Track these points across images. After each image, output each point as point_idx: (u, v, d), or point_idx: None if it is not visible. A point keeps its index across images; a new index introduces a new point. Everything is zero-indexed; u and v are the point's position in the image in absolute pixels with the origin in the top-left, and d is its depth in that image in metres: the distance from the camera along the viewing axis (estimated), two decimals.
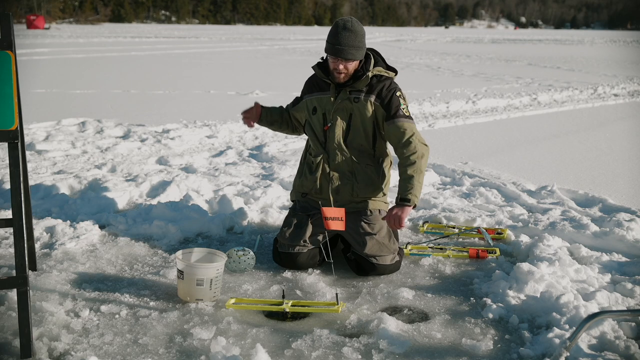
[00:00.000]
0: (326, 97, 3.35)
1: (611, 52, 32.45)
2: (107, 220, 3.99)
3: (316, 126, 3.40)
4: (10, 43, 2.51)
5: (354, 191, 3.34)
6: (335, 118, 3.32)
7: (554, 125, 8.74)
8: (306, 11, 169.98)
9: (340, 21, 3.23)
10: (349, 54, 3.17)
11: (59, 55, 21.55)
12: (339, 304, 2.79)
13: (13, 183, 2.43)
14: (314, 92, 3.42)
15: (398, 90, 3.32)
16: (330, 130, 3.32)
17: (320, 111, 3.37)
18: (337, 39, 3.16)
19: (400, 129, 3.22)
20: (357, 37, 3.18)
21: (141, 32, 51.96)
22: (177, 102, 10.44)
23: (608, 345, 2.44)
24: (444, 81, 14.87)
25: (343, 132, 3.32)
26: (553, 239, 3.60)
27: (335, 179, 3.35)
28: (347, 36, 3.16)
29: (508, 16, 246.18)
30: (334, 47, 3.17)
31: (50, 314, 2.70)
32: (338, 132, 3.32)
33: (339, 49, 3.15)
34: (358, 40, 3.19)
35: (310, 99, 3.42)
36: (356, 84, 3.27)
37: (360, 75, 3.27)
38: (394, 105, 3.26)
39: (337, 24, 3.22)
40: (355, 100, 3.29)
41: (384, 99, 3.27)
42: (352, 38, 3.17)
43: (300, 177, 3.50)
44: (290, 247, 3.28)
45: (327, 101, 3.35)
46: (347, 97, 3.30)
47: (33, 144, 6.42)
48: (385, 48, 32.03)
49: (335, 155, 3.34)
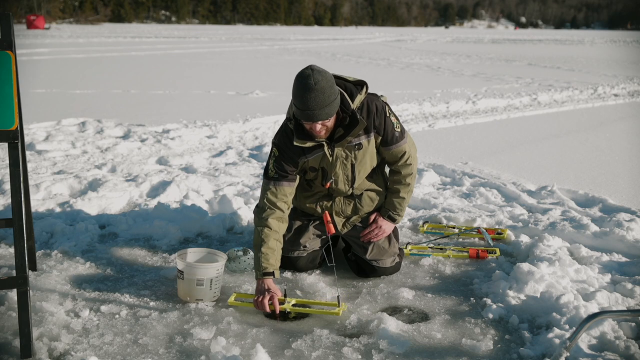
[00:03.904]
0: (320, 154, 3.01)
1: (611, 52, 32.45)
2: (107, 220, 3.99)
3: (315, 180, 3.16)
4: (10, 43, 2.51)
5: (356, 210, 3.26)
6: (338, 174, 3.09)
7: (554, 125, 8.74)
8: (306, 11, 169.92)
9: (301, 80, 2.72)
10: (323, 116, 2.76)
11: (59, 55, 21.56)
12: (340, 305, 2.79)
13: (13, 183, 2.43)
14: (306, 154, 3.01)
15: (384, 108, 3.04)
16: (333, 185, 3.14)
17: (319, 167, 3.08)
18: (304, 104, 2.72)
19: (399, 153, 3.14)
20: (325, 93, 2.72)
21: (141, 32, 51.96)
22: (177, 102, 10.44)
23: (608, 345, 2.44)
24: (444, 81, 14.87)
25: (348, 183, 3.13)
26: (553, 239, 3.60)
27: (338, 202, 3.24)
28: (315, 97, 2.70)
29: (508, 16, 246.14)
30: (304, 113, 2.75)
31: (50, 314, 2.70)
32: (342, 185, 3.13)
33: (311, 114, 2.74)
34: (327, 96, 2.73)
35: (307, 160, 3.04)
36: (352, 133, 2.93)
37: (349, 122, 2.91)
38: (389, 131, 3.06)
39: (299, 84, 2.73)
40: (357, 147, 3.03)
41: (379, 128, 3.04)
42: (321, 97, 2.71)
43: (297, 199, 3.26)
44: (290, 251, 3.25)
45: (323, 158, 3.03)
46: (347, 146, 3.01)
47: (33, 144, 6.42)
48: (385, 48, 32.05)
49: (339, 194, 3.22)
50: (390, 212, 3.24)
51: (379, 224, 3.22)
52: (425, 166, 5.71)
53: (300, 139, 2.91)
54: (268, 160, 3.08)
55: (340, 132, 2.95)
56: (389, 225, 3.25)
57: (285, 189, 3.02)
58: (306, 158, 3.03)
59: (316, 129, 2.84)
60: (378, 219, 3.24)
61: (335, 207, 3.24)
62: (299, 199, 3.29)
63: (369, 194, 3.25)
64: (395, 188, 3.23)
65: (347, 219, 3.26)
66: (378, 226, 3.22)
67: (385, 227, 3.23)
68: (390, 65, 19.88)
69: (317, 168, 3.09)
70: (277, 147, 3.03)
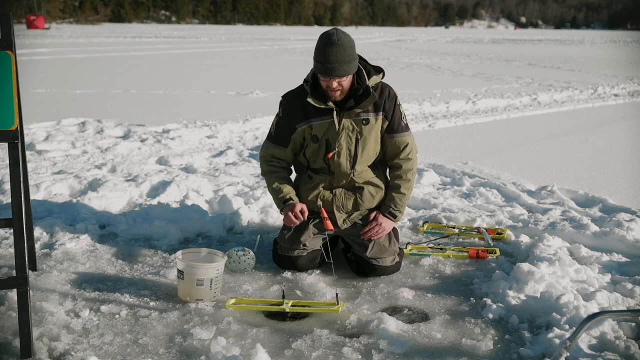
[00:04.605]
0: (327, 122, 3.10)
1: (611, 52, 32.45)
2: (107, 220, 3.99)
3: (317, 154, 3.20)
4: (10, 43, 2.51)
5: (357, 205, 3.27)
6: (341, 146, 3.12)
7: (554, 125, 8.74)
8: (306, 11, 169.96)
9: (325, 36, 2.93)
10: (341, 71, 2.92)
11: (59, 55, 21.56)
12: (339, 304, 2.79)
13: (13, 183, 2.43)
14: (311, 119, 3.13)
15: (396, 96, 3.20)
16: (335, 158, 3.16)
17: (323, 138, 3.13)
18: (325, 57, 2.89)
19: (402, 144, 3.21)
20: (346, 50, 2.91)
21: (141, 32, 51.97)
22: (177, 102, 10.44)
23: (608, 345, 2.44)
24: (444, 81, 14.87)
25: (350, 159, 3.16)
26: (553, 239, 3.60)
27: (339, 195, 3.25)
28: (336, 52, 2.88)
29: (508, 16, 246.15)
30: (323, 66, 2.91)
31: (50, 314, 2.70)
32: (344, 160, 3.16)
33: (330, 67, 2.90)
34: (348, 54, 2.92)
35: (309, 126, 3.14)
36: (362, 104, 3.06)
37: (361, 93, 3.05)
38: (397, 118, 3.17)
39: (322, 40, 2.94)
40: (364, 122, 3.11)
41: (388, 112, 3.15)
42: (342, 53, 2.89)
43: (298, 193, 3.30)
44: (290, 250, 3.25)
45: (330, 126, 3.10)
46: (354, 119, 3.11)
47: (33, 144, 6.42)
48: (385, 48, 32.04)
49: (340, 180, 3.23)
50: (391, 208, 3.23)
51: (379, 221, 3.22)
52: (425, 166, 5.71)
53: (315, 97, 3.05)
54: (273, 119, 3.28)
55: (352, 103, 3.07)
56: (389, 223, 3.25)
57: (282, 152, 3.25)
58: (310, 123, 3.12)
59: (332, 85, 2.97)
60: (378, 217, 3.24)
61: (337, 202, 3.25)
62: (300, 192, 3.31)
63: (370, 190, 3.25)
64: (395, 184, 3.24)
65: (348, 215, 3.27)
66: (378, 223, 3.22)
67: (385, 225, 3.23)
68: (390, 65, 19.87)
69: (321, 138, 3.13)
70: (283, 106, 3.20)
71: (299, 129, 3.17)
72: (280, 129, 3.21)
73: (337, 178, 3.22)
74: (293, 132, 3.19)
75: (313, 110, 3.11)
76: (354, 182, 3.23)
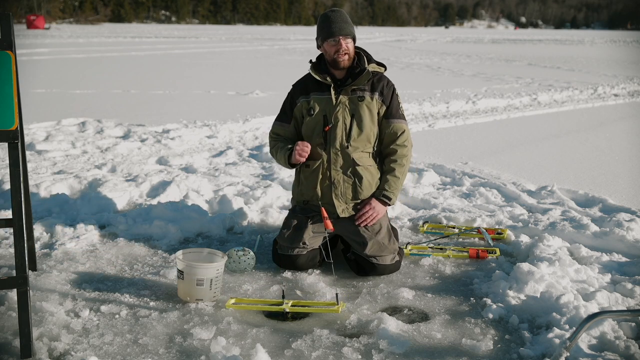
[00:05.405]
0: (325, 97, 3.28)
1: (611, 52, 32.45)
2: (107, 220, 3.99)
3: (314, 128, 3.28)
4: (10, 43, 2.51)
5: (356, 193, 3.30)
6: (337, 119, 3.24)
7: (554, 125, 8.74)
8: (306, 11, 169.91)
9: (325, 11, 3.33)
10: (346, 30, 3.21)
11: (59, 55, 21.56)
12: (339, 304, 2.79)
13: (13, 183, 2.43)
14: (311, 93, 3.32)
15: (394, 86, 3.36)
16: (332, 132, 3.25)
17: (320, 112, 3.27)
18: (328, 22, 3.22)
19: (398, 130, 3.31)
20: (344, 15, 3.28)
21: (141, 32, 51.98)
22: (177, 102, 10.44)
23: (608, 345, 2.44)
24: (444, 81, 14.87)
25: (345, 133, 3.25)
26: (553, 239, 3.60)
27: (337, 183, 3.28)
28: (337, 16, 3.24)
29: (508, 16, 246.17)
30: (330, 28, 3.20)
31: (50, 314, 2.70)
32: (340, 134, 3.25)
33: (335, 27, 3.19)
34: (347, 18, 3.28)
35: (307, 100, 3.32)
36: (358, 81, 3.23)
37: (358, 71, 3.24)
38: (394, 104, 3.32)
39: (322, 15, 3.31)
40: (360, 98, 3.26)
41: (385, 97, 3.30)
42: (344, 16, 3.26)
43: (299, 185, 3.40)
44: (290, 249, 3.26)
45: (328, 101, 3.27)
46: (350, 96, 3.26)
47: (33, 144, 6.42)
48: (385, 48, 32.04)
49: (337, 158, 3.27)
50: (385, 191, 3.29)
51: (373, 205, 3.28)
52: (425, 166, 5.71)
53: (318, 72, 3.28)
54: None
55: (350, 81, 3.25)
56: (382, 207, 3.30)
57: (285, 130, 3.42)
58: (309, 97, 3.30)
59: (342, 46, 3.18)
60: (371, 201, 3.29)
61: (335, 190, 3.28)
62: (300, 182, 3.37)
63: (368, 178, 3.29)
64: (390, 167, 3.32)
65: (348, 204, 3.30)
66: (372, 207, 3.27)
67: (379, 209, 3.28)
68: (390, 65, 19.74)
69: (318, 113, 3.27)
70: (293, 86, 3.43)
71: (298, 104, 3.36)
72: (285, 107, 3.44)
73: (334, 155, 3.26)
74: (294, 107, 3.38)
75: (313, 87, 3.33)
76: (351, 161, 3.26)
